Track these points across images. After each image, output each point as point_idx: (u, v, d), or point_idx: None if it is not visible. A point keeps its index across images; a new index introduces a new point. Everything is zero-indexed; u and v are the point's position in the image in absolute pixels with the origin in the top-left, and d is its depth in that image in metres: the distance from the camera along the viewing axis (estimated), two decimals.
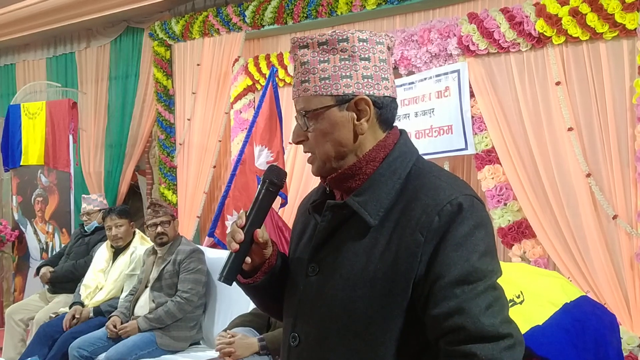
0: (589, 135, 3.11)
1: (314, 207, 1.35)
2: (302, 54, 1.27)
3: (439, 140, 3.63)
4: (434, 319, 1.14)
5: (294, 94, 1.29)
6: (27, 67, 6.95)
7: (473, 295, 1.13)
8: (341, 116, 1.25)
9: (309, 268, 1.30)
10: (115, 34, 5.91)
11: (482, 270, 1.15)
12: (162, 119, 5.45)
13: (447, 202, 1.18)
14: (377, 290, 1.19)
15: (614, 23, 2.95)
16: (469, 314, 1.11)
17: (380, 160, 1.27)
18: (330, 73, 1.24)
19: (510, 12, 3.29)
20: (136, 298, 3.88)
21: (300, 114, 1.28)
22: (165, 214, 3.89)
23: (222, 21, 4.86)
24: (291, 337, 1.31)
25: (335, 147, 1.26)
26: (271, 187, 1.33)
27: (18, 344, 4.64)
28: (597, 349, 2.20)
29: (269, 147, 4.14)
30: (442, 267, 1.14)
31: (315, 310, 1.27)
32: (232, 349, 2.86)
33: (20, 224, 6.20)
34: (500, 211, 3.42)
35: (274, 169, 1.35)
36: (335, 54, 1.24)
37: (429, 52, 3.65)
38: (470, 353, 1.10)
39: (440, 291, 1.14)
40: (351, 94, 1.24)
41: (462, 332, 1.11)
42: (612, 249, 3.05)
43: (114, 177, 5.90)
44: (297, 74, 1.28)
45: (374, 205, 1.23)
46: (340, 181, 1.29)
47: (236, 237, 1.27)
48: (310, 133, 1.27)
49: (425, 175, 1.25)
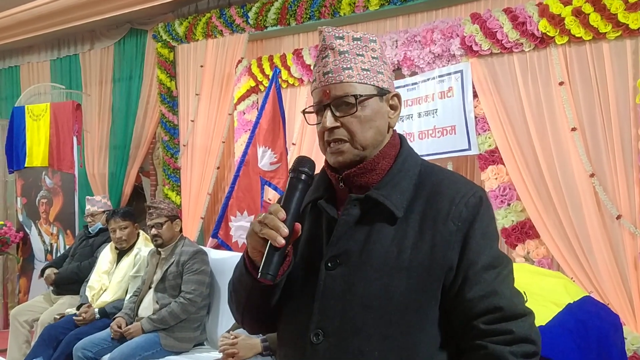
0: (593, 135, 3.11)
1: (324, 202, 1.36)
2: (339, 43, 1.32)
3: (442, 141, 3.63)
4: (470, 302, 1.24)
5: (331, 79, 1.30)
6: (31, 69, 6.97)
7: (501, 278, 1.27)
8: (381, 107, 1.33)
9: (328, 262, 1.30)
10: (119, 36, 5.93)
11: (501, 256, 1.30)
12: (165, 120, 5.46)
13: (470, 194, 1.29)
14: (413, 278, 1.25)
15: (617, 23, 2.94)
16: (503, 295, 1.24)
17: (393, 157, 1.35)
18: (369, 66, 1.32)
19: (513, 12, 3.29)
20: (140, 299, 3.88)
21: (346, 99, 1.29)
22: (159, 215, 3.86)
23: (225, 23, 4.87)
24: (312, 334, 1.27)
25: (376, 135, 1.33)
26: (303, 176, 1.30)
27: (23, 345, 4.65)
28: (600, 349, 2.20)
29: (272, 148, 4.14)
30: (473, 254, 1.26)
31: (346, 302, 1.26)
32: (235, 349, 2.86)
33: (24, 225, 6.22)
34: (503, 211, 3.41)
35: (304, 159, 1.33)
36: (368, 51, 1.33)
37: (432, 52, 3.65)
38: (507, 330, 1.22)
39: (474, 276, 1.25)
40: (386, 88, 1.34)
41: (498, 311, 1.23)
42: (616, 249, 3.04)
43: (118, 178, 5.91)
44: (333, 61, 1.31)
45: (398, 197, 1.30)
46: (357, 177, 1.33)
47: (282, 231, 1.22)
48: (351, 119, 1.30)
49: (439, 173, 1.36)
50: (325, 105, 1.32)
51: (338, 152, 1.32)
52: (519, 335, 1.22)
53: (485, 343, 1.22)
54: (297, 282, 1.34)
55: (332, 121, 1.31)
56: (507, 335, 1.22)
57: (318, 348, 1.27)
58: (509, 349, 1.21)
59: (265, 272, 1.22)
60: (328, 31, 1.33)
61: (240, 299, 1.39)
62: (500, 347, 1.21)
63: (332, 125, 1.31)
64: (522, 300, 1.28)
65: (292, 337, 1.34)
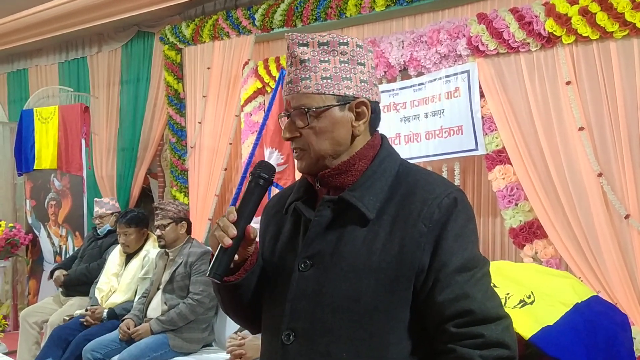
0: (600, 135, 3.09)
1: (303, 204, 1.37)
2: (301, 51, 1.29)
3: (449, 141, 3.63)
4: (440, 305, 1.22)
5: (290, 90, 1.31)
6: (39, 72, 7.01)
7: (474, 281, 1.24)
8: (341, 116, 1.30)
9: (300, 264, 1.31)
10: (126, 39, 5.95)
11: (477, 258, 1.27)
12: (173, 122, 5.48)
13: (444, 195, 1.27)
14: (382, 280, 1.24)
15: (624, 22, 2.93)
16: (474, 298, 1.22)
17: (371, 158, 1.33)
18: (331, 73, 1.28)
19: (519, 12, 3.29)
20: (148, 300, 3.90)
21: (301, 110, 1.29)
22: (164, 217, 3.88)
23: (232, 24, 4.88)
24: (284, 335, 1.30)
25: (333, 146, 1.31)
26: (261, 181, 1.34)
27: (32, 347, 4.68)
28: (608, 349, 2.19)
29: (279, 150, 4.15)
30: (445, 256, 1.23)
31: (317, 303, 1.27)
32: (243, 350, 2.88)
33: (34, 227, 6.26)
34: (511, 211, 3.40)
35: (264, 164, 1.36)
36: (336, 56, 1.28)
37: (438, 53, 3.65)
38: (478, 334, 1.20)
39: (445, 279, 1.23)
40: (351, 95, 1.29)
41: (469, 315, 1.21)
42: (624, 248, 3.03)
43: (126, 180, 5.93)
44: (294, 70, 1.30)
45: (371, 199, 1.28)
46: (332, 177, 1.32)
47: (229, 232, 1.26)
48: (307, 130, 1.30)
49: (416, 173, 1.34)
50: (288, 115, 1.33)
51: (299, 159, 1.34)
52: (490, 340, 1.20)
53: (454, 346, 1.21)
54: (275, 282, 1.36)
55: (290, 132, 1.32)
56: (477, 339, 1.20)
57: (289, 349, 1.29)
58: (479, 352, 1.19)
59: (213, 271, 1.27)
60: (292, 38, 1.31)
61: (220, 299, 1.44)
62: (469, 350, 1.20)
63: (290, 135, 1.32)
64: (497, 303, 1.26)
65: (268, 336, 1.38)
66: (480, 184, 3.68)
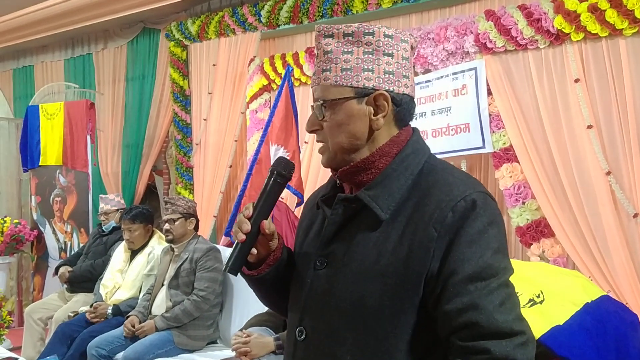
0: (609, 133, 3.07)
1: (323, 200, 1.34)
2: (326, 42, 1.26)
3: (456, 139, 3.61)
4: (447, 315, 1.14)
5: (313, 82, 1.29)
6: (45, 68, 7.01)
7: (487, 291, 1.12)
8: (359, 109, 1.25)
9: (317, 261, 1.29)
10: (132, 35, 5.95)
11: (495, 267, 1.15)
12: (178, 119, 5.47)
13: (460, 198, 1.17)
14: (388, 284, 1.18)
15: (633, 19, 2.91)
16: (483, 310, 1.11)
17: (393, 155, 1.27)
18: (352, 65, 1.24)
19: (527, 8, 3.26)
20: (153, 297, 3.90)
21: (318, 103, 1.27)
22: (174, 212, 3.90)
23: (237, 21, 4.87)
24: (298, 331, 1.30)
25: (349, 140, 1.26)
26: (279, 178, 1.33)
27: (37, 343, 4.68)
28: (618, 349, 2.17)
29: (284, 147, 4.13)
30: (456, 263, 1.14)
31: (325, 303, 1.26)
32: (248, 348, 2.87)
33: (39, 223, 6.27)
34: (518, 210, 3.38)
35: (282, 160, 1.35)
36: (360, 47, 1.24)
37: (445, 50, 3.63)
38: (484, 349, 1.09)
39: (453, 287, 1.13)
40: (371, 87, 1.23)
41: (475, 328, 1.11)
42: (633, 247, 3.01)
43: (132, 177, 5.93)
44: (318, 62, 1.28)
45: (386, 199, 1.23)
46: (352, 174, 1.28)
47: (243, 227, 1.26)
48: (326, 123, 1.27)
49: (438, 172, 1.25)
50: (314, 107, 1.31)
51: (321, 153, 1.32)
52: (497, 357, 1.08)
53: None
54: (298, 276, 1.36)
55: (311, 124, 1.31)
56: (482, 355, 1.09)
57: (300, 345, 1.30)
58: None
59: (226, 265, 1.28)
60: (319, 30, 1.28)
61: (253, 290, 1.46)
62: None
63: (310, 128, 1.31)
64: (512, 317, 1.12)
65: (290, 329, 1.38)
66: (487, 182, 3.66)
